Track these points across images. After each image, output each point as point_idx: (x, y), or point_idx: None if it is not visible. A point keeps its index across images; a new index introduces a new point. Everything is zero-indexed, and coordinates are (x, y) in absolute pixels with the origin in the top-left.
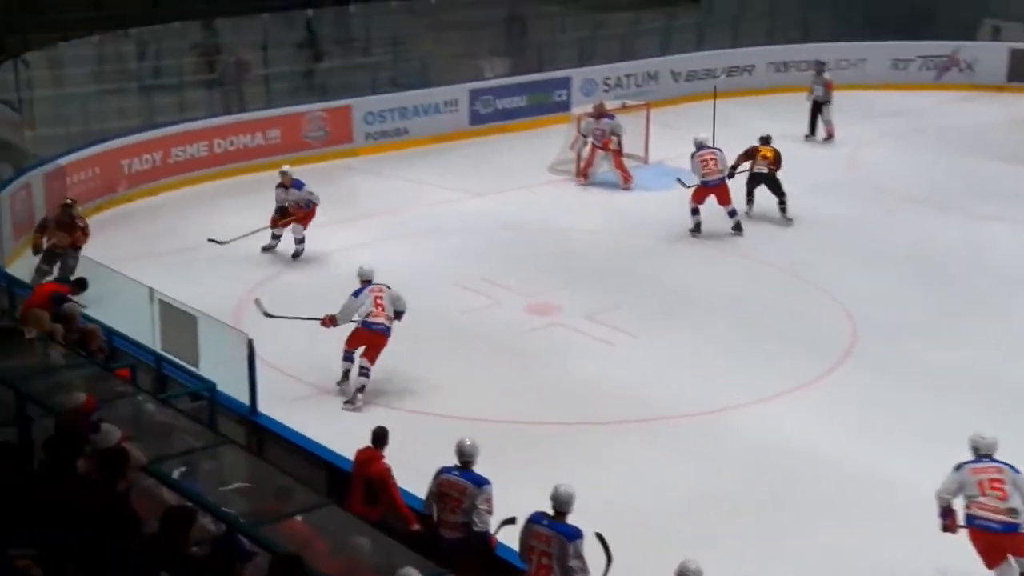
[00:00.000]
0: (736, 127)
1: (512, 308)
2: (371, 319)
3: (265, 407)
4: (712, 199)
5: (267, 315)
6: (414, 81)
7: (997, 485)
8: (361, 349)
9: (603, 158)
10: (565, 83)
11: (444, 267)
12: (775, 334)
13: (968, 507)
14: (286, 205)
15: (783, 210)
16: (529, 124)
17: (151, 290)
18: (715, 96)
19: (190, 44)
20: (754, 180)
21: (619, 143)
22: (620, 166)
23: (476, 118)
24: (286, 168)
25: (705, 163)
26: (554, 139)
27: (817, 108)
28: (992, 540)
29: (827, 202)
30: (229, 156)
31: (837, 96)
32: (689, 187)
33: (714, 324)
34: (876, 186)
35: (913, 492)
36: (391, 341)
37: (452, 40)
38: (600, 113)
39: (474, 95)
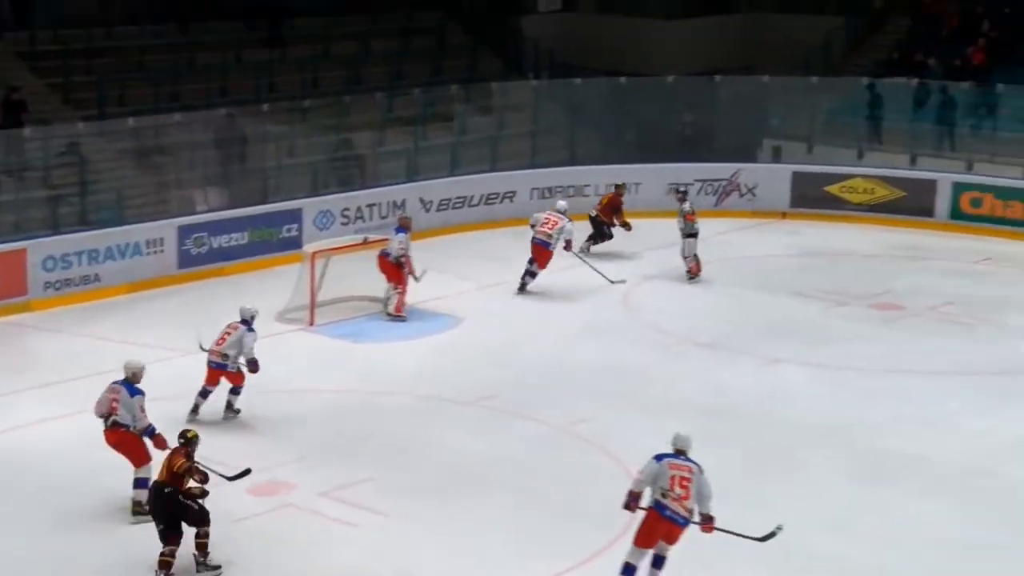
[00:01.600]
0: (501, 261)
1: (234, 490)
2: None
3: None
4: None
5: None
6: (107, 217)
7: (686, 484)
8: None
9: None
10: (295, 216)
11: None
12: (551, 505)
13: (657, 495)
14: None
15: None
16: (252, 265)
17: None
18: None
19: None
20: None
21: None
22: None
23: (186, 260)
24: None
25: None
26: (284, 282)
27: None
28: (666, 528)
29: (602, 346)
30: None
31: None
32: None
33: (477, 496)
34: (656, 327)
35: None
36: None
37: (155, 166)
38: (404, 225)
39: (183, 232)
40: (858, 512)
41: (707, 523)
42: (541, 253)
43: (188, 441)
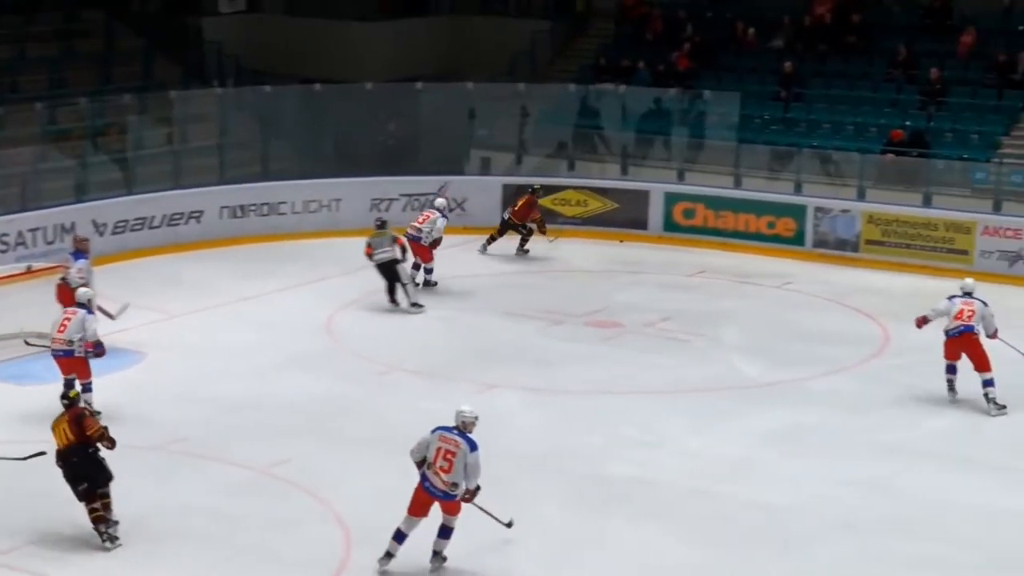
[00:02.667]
0: (189, 288)
1: None
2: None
3: None
4: None
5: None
6: None
7: (449, 457)
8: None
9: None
10: None
11: None
12: (253, 555)
13: (424, 466)
14: None
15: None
16: None
17: None
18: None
19: None
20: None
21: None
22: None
23: None
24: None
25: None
26: None
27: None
28: (423, 498)
29: (304, 378)
30: None
31: (309, 245)
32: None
33: (167, 552)
34: (362, 356)
35: None
36: None
37: None
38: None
39: None
40: (580, 541)
41: (467, 495)
42: (414, 248)
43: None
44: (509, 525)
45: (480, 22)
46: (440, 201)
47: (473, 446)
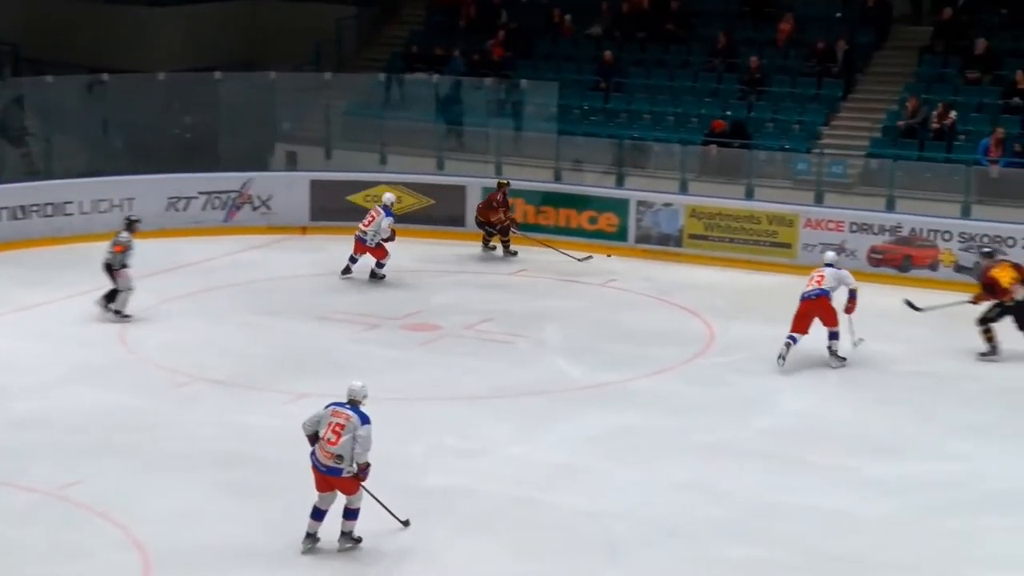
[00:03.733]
0: None
1: None
2: None
3: None
4: None
5: None
6: None
7: (338, 430)
8: None
9: None
10: None
11: None
12: None
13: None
14: None
15: None
16: None
17: None
18: None
19: None
20: None
21: None
22: None
23: None
24: None
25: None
26: None
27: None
28: (318, 476)
29: (98, 392)
30: None
31: (99, 248)
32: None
33: None
34: (161, 366)
35: None
36: None
37: None
38: None
39: None
40: (401, 555)
41: (359, 475)
42: (360, 248)
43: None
44: (406, 524)
45: (282, 7)
46: (388, 196)
47: (364, 419)
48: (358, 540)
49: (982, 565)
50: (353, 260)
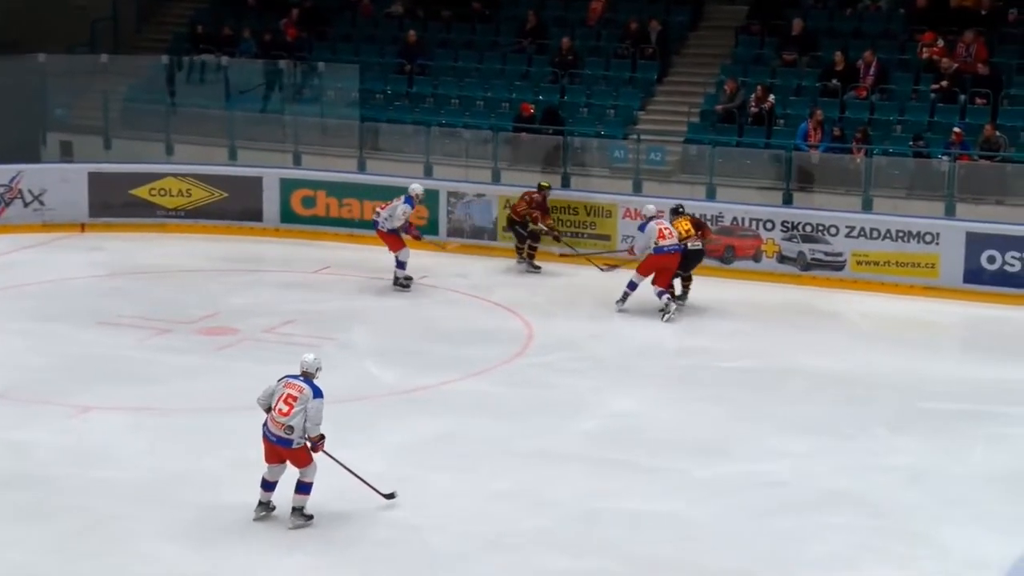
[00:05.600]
0: None
1: None
2: None
3: None
4: None
5: None
6: None
7: (290, 401)
8: None
9: None
10: None
11: None
12: None
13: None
14: None
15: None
16: None
17: None
18: None
19: None
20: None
21: None
22: None
23: None
24: None
25: None
26: None
27: None
28: (267, 446)
29: None
30: None
31: None
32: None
33: None
34: None
35: None
36: None
37: None
38: None
39: None
40: None
41: (316, 445)
42: (381, 238)
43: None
44: (390, 496)
45: None
46: (414, 186)
47: (317, 392)
48: (309, 517)
49: (815, 566)
50: (401, 265)
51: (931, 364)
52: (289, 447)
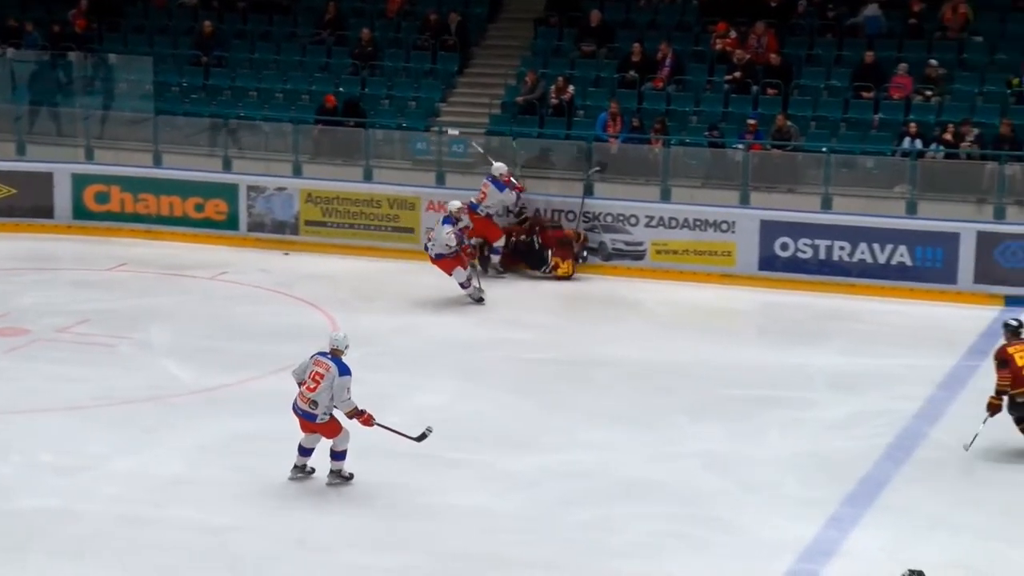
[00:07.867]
0: None
1: None
2: None
3: None
4: None
5: None
6: None
7: (317, 378)
8: None
9: None
10: None
11: None
12: None
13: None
14: None
15: None
16: None
17: None
18: None
19: None
20: None
21: None
22: None
23: None
24: None
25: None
26: None
27: None
28: (299, 418)
29: None
30: None
31: None
32: None
33: None
34: None
35: None
36: None
37: None
38: None
39: None
40: None
41: (363, 420)
42: (435, 265)
43: None
44: (420, 438)
45: None
46: (452, 204)
47: (344, 370)
48: (349, 477)
49: (619, 555)
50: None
51: (729, 351)
52: (313, 421)
